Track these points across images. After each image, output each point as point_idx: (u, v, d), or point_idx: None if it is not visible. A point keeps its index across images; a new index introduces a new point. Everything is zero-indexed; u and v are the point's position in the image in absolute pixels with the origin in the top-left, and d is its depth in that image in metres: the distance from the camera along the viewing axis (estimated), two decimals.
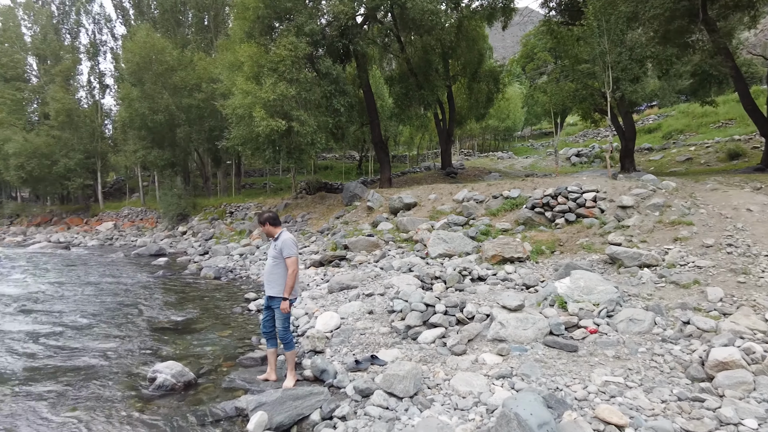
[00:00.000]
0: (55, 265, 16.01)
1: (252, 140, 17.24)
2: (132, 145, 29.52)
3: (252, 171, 41.26)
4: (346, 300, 7.65)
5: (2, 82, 40.78)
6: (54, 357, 6.09)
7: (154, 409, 4.50)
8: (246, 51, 16.06)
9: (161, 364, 5.12)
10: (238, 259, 14.78)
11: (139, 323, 7.84)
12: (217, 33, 32.25)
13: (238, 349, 6.33)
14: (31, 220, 40.21)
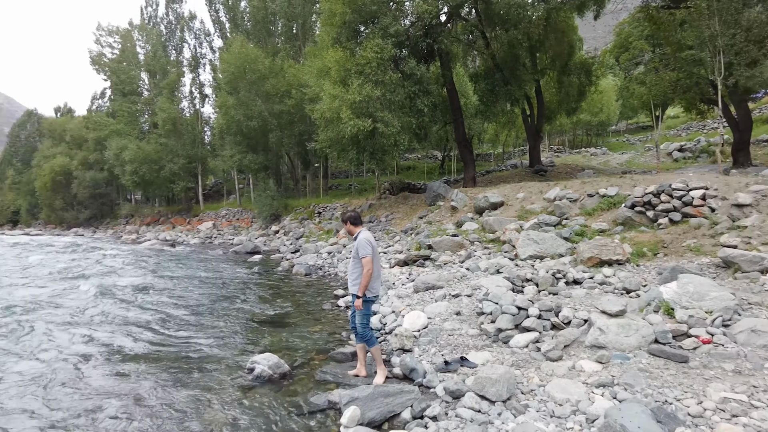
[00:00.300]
0: (163, 261, 17.53)
1: (338, 142, 17.80)
2: (229, 150, 31.58)
3: (338, 173, 42.51)
4: (432, 300, 7.62)
5: (120, 97, 45.58)
6: (166, 343, 6.65)
7: (253, 398, 4.75)
8: (333, 56, 16.60)
9: (259, 355, 5.41)
10: (327, 257, 15.28)
11: (238, 315, 8.36)
12: (305, 40, 33.60)
13: (329, 343, 6.53)
14: (142, 220, 44.49)
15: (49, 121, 66.16)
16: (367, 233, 5.19)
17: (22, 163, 70.24)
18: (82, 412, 4.44)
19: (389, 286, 9.35)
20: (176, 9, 45.45)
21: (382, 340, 6.37)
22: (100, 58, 45.13)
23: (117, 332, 7.34)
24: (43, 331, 7.26)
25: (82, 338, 6.96)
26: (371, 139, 16.48)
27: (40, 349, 6.44)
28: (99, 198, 51.99)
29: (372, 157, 17.56)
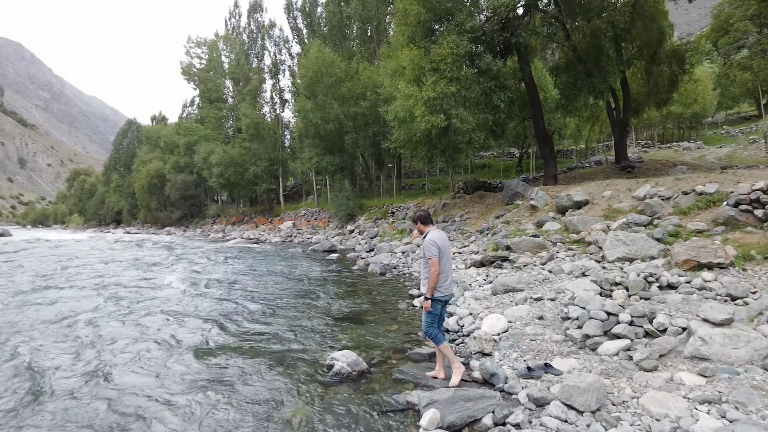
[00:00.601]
0: (247, 258, 18.44)
1: (410, 141, 17.81)
2: (307, 152, 32.66)
3: (411, 173, 42.58)
4: (512, 303, 7.36)
5: (207, 104, 48.62)
6: (248, 336, 6.93)
7: (332, 395, 4.82)
8: (407, 55, 16.64)
9: (338, 352, 5.48)
10: (401, 257, 15.31)
11: (317, 311, 8.57)
12: (379, 42, 33.97)
13: (406, 343, 6.50)
14: (228, 220, 47.13)
15: (146, 129, 72.08)
16: (435, 233, 5.08)
17: (124, 167, 77.04)
18: (167, 397, 4.72)
19: (465, 288, 9.17)
20: (257, 18, 47.75)
21: (460, 343, 6.24)
22: (190, 68, 48.43)
23: (202, 323, 7.77)
24: (136, 321, 7.85)
25: (171, 328, 7.43)
26: (445, 137, 16.31)
27: (133, 336, 6.95)
28: (189, 199, 55.83)
29: (443, 155, 17.38)
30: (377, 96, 25.52)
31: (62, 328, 7.47)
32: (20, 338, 6.90)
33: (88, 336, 7.00)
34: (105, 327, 7.51)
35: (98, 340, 6.79)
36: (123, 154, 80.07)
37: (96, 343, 6.65)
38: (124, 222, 75.70)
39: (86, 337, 6.92)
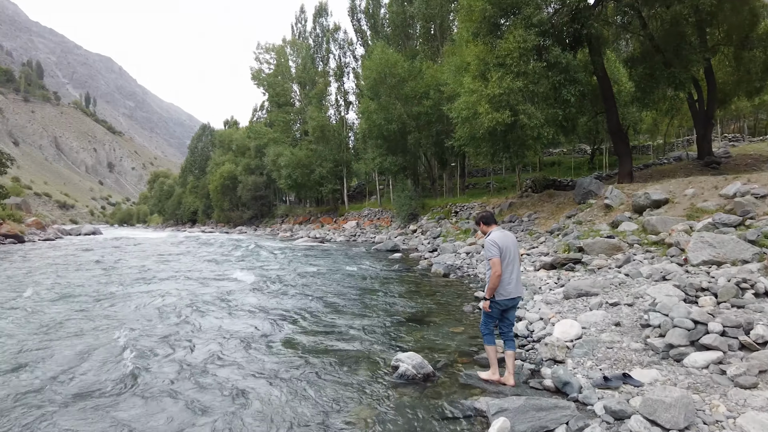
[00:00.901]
0: (313, 256, 18.85)
1: (474, 138, 17.46)
2: (370, 153, 32.95)
3: (475, 171, 41.86)
4: (585, 308, 6.98)
5: (276, 108, 50.35)
6: (313, 333, 7.01)
7: (397, 397, 4.76)
8: (472, 51, 16.35)
9: (403, 354, 5.42)
10: (465, 258, 15.04)
11: (381, 311, 8.56)
12: (443, 40, 33.66)
13: (472, 347, 6.33)
14: (295, 219, 48.57)
15: (219, 133, 75.90)
16: (498, 233, 4.95)
17: (199, 170, 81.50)
18: (235, 391, 4.84)
19: (535, 291, 8.82)
20: (322, 23, 48.77)
21: (530, 349, 5.98)
22: (259, 73, 50.33)
23: (271, 319, 7.98)
24: (208, 316, 8.19)
25: (240, 323, 7.67)
26: (511, 133, 15.85)
27: (204, 330, 7.23)
28: (259, 200, 58.17)
29: (508, 151, 16.88)
30: (440, 94, 25.30)
31: (147, 320, 7.93)
32: (116, 326, 7.39)
33: (166, 328, 7.36)
34: (181, 319, 7.88)
35: (172, 332, 7.13)
36: (198, 157, 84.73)
37: (169, 335, 6.98)
38: (199, 221, 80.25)
39: (165, 329, 7.29)
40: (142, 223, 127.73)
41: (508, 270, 4.83)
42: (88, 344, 6.56)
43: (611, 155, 30.26)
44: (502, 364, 5.14)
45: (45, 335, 7.05)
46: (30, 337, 6.93)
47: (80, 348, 6.37)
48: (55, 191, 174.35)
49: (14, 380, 5.24)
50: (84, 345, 6.52)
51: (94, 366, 5.68)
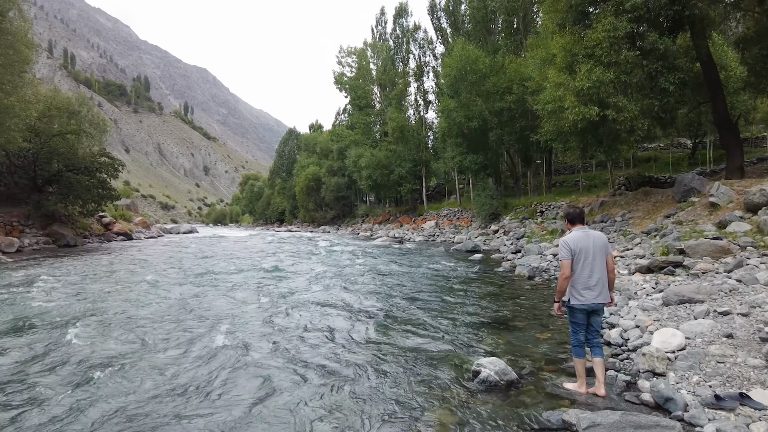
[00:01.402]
0: (393, 256, 18.92)
1: (561, 133, 16.61)
2: (450, 152, 32.55)
3: (562, 169, 39.95)
4: (688, 316, 6.32)
5: (357, 111, 51.37)
6: (392, 332, 6.96)
7: (478, 404, 4.57)
8: (558, 42, 15.57)
9: (485, 359, 5.20)
10: (552, 260, 14.33)
11: (460, 312, 8.34)
12: (526, 33, 32.46)
13: (560, 354, 5.96)
14: (375, 219, 49.26)
15: (304, 137, 79.08)
16: (575, 234, 4.72)
17: (286, 172, 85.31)
18: (311, 388, 4.89)
19: (629, 296, 8.17)
20: (402, 23, 48.99)
21: (625, 358, 5.51)
22: (341, 77, 51.56)
23: (348, 316, 8.07)
24: (291, 310, 8.42)
25: (320, 319, 7.79)
26: (602, 126, 14.87)
27: (286, 325, 7.43)
28: (341, 200, 59.75)
29: (600, 146, 15.82)
30: (524, 89, 24.40)
31: (239, 313, 8.34)
32: (212, 317, 7.86)
33: (253, 321, 7.67)
34: (265, 312, 8.19)
35: (258, 326, 7.40)
36: (285, 160, 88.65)
37: (255, 329, 7.25)
38: (286, 221, 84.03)
39: (252, 323, 7.59)
40: (235, 222, 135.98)
41: (584, 273, 4.60)
42: (189, 332, 7.00)
43: (716, 149, 27.51)
44: (591, 374, 4.79)
45: (166, 315, 7.64)
46: (160, 317, 7.53)
47: (183, 338, 6.81)
48: (159, 193, 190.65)
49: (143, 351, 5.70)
50: (185, 333, 6.96)
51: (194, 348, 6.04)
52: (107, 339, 6.83)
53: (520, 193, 32.29)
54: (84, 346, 6.45)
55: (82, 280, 12.48)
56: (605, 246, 4.73)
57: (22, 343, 6.58)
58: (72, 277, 13.17)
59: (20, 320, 7.81)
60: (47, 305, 9.00)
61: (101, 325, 7.57)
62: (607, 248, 4.74)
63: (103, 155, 30.31)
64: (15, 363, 5.74)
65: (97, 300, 9.74)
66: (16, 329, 7.27)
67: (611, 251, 4.86)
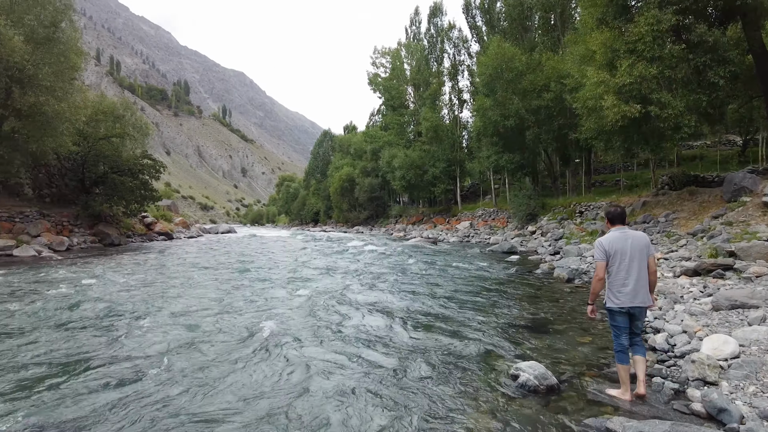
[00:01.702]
0: (427, 256, 18.79)
1: (603, 132, 16.10)
2: (485, 151, 32.12)
3: (602, 168, 38.81)
4: (742, 322, 5.98)
5: (391, 111, 51.41)
6: (427, 333, 6.87)
7: (517, 408, 4.44)
8: (598, 38, 15.10)
9: (524, 363, 5.07)
10: (592, 262, 13.90)
11: (497, 314, 8.17)
12: (564, 29, 31.72)
13: (602, 359, 5.75)
14: (408, 219, 49.15)
15: (339, 138, 79.81)
16: (611, 234, 4.61)
17: (321, 173, 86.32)
18: (344, 389, 4.85)
19: (675, 300, 7.81)
20: (437, 23, 48.71)
21: (672, 365, 5.26)
22: (375, 78, 51.73)
23: (383, 315, 8.01)
24: (326, 308, 8.44)
25: (356, 317, 7.77)
26: (646, 124, 14.31)
27: (321, 324, 7.44)
28: (375, 201, 59.95)
29: (645, 144, 15.22)
30: (562, 86, 23.83)
31: (275, 307, 8.44)
32: (257, 311, 7.98)
33: (289, 320, 7.72)
34: (303, 311, 8.23)
35: (294, 324, 7.45)
36: (319, 161, 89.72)
37: (290, 328, 7.30)
38: (320, 222, 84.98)
39: (288, 321, 7.64)
40: (271, 222, 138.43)
41: (620, 275, 4.48)
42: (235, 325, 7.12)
43: None
44: (635, 381, 4.60)
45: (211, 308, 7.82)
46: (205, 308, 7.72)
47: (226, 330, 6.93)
48: (198, 194, 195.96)
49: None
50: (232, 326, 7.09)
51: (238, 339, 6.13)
52: (173, 328, 7.09)
53: (558, 193, 31.54)
54: (153, 333, 6.72)
55: (132, 276, 12.91)
56: (646, 247, 4.56)
57: (91, 332, 6.83)
58: (123, 273, 13.65)
59: (79, 312, 8.12)
60: (105, 298, 9.34)
61: (167, 315, 7.81)
62: (648, 249, 4.57)
63: (145, 157, 31.35)
64: (91, 349, 5.96)
65: (153, 293, 10.04)
66: (79, 320, 7.56)
67: (654, 252, 4.67)
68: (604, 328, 7.19)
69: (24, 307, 8.61)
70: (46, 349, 6.16)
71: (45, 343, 6.40)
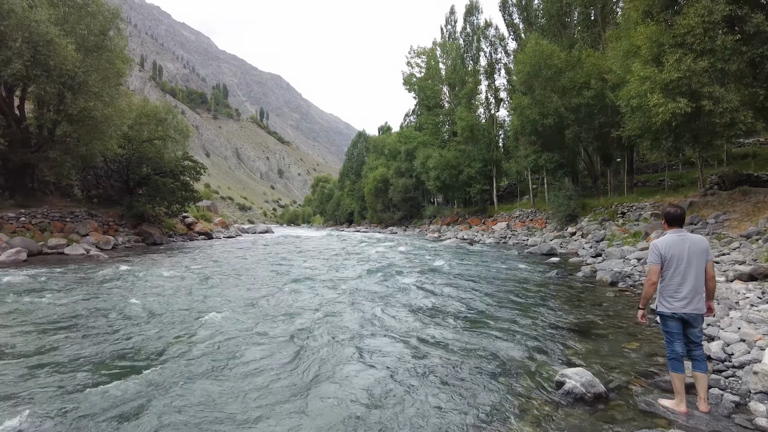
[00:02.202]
0: (463, 257, 18.52)
1: (649, 131, 15.46)
2: (523, 150, 31.50)
3: (645, 167, 37.40)
4: None
5: (426, 111, 51.16)
6: (467, 336, 6.69)
7: (563, 416, 4.25)
8: (643, 32, 14.50)
9: (570, 369, 4.85)
10: (636, 264, 13.37)
11: (539, 318, 7.91)
12: (605, 25, 30.76)
13: (651, 367, 5.46)
14: (443, 220, 48.75)
15: (373, 139, 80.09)
16: (668, 237, 4.36)
17: (355, 174, 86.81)
18: (384, 392, 4.75)
19: (729, 306, 7.37)
20: (473, 21, 48.14)
21: (730, 375, 4.94)
22: (410, 78, 51.56)
23: (422, 318, 7.85)
24: (362, 308, 8.37)
25: (393, 318, 7.66)
26: (695, 121, 13.64)
27: (358, 323, 7.37)
28: (409, 201, 59.77)
29: (696, 142, 14.51)
30: (604, 83, 23.09)
31: (317, 303, 8.46)
32: (300, 309, 8.03)
33: (327, 318, 7.70)
34: (338, 311, 8.20)
35: (332, 323, 7.41)
36: (354, 162, 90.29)
37: (328, 326, 7.26)
38: (354, 222, 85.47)
39: (326, 320, 7.63)
40: (306, 223, 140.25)
41: (674, 280, 4.24)
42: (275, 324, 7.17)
43: None
44: (691, 391, 4.33)
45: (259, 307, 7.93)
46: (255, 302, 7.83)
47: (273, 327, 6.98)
48: (236, 195, 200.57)
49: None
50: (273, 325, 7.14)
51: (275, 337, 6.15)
52: (231, 319, 7.16)
53: (598, 193, 30.58)
54: (218, 322, 6.80)
55: (181, 272, 13.25)
56: (705, 251, 4.28)
57: (145, 322, 7.02)
58: (169, 269, 14.03)
59: (129, 305, 8.37)
60: (154, 292, 9.61)
61: (224, 307, 7.94)
62: (707, 254, 4.30)
63: (186, 159, 32.25)
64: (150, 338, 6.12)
65: (204, 288, 10.25)
66: (133, 313, 7.79)
67: (712, 257, 4.37)
68: (652, 333, 6.86)
69: (96, 303, 8.93)
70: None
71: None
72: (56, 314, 8.08)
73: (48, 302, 9.10)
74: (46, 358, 5.76)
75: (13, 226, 19.85)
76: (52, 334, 6.84)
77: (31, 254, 17.71)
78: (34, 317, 7.84)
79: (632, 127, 16.28)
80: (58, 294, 10.06)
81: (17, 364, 5.51)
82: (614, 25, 28.87)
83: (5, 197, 21.78)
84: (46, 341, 6.46)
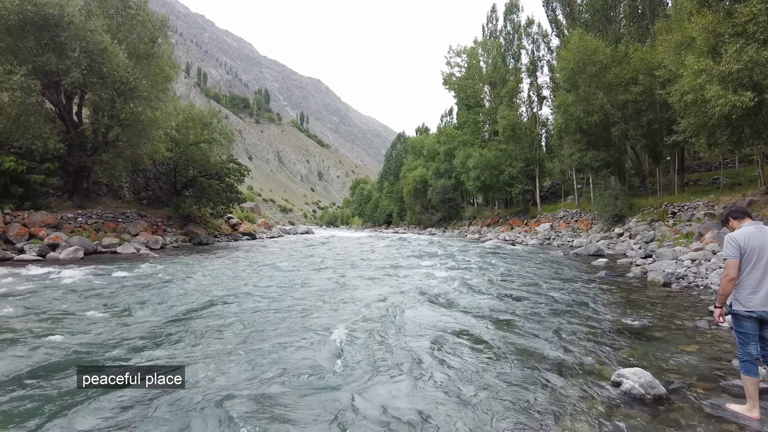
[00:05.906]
0: (506, 258, 18.20)
1: (705, 127, 14.74)
2: (567, 149, 30.70)
3: (696, 166, 35.78)
4: None
5: (465, 110, 50.69)
6: (518, 335, 6.54)
7: (621, 417, 4.08)
8: (698, 23, 13.84)
9: (627, 369, 4.67)
10: (690, 265, 12.76)
11: (590, 319, 7.67)
12: (653, 18, 29.64)
13: (714, 370, 5.19)
14: (483, 221, 48.14)
15: (411, 140, 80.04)
16: (746, 229, 4.06)
17: (393, 176, 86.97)
18: (432, 394, 4.70)
19: None
20: (513, 19, 47.36)
21: None
22: (450, 77, 51.17)
23: (469, 318, 7.73)
24: (406, 308, 8.32)
25: (441, 318, 7.57)
26: (756, 115, 12.92)
27: (403, 324, 7.32)
28: (448, 202, 59.30)
29: (757, 137, 13.73)
30: (653, 79, 22.21)
31: (360, 302, 8.50)
32: (344, 305, 8.10)
33: (369, 317, 7.71)
34: (381, 311, 8.19)
35: (373, 323, 7.40)
36: (392, 164, 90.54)
37: (369, 327, 7.26)
38: (393, 223, 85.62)
39: (368, 319, 7.63)
40: (345, 224, 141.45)
41: (753, 276, 3.91)
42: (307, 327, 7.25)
43: None
44: (764, 396, 4.07)
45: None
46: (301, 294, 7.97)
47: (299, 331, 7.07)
48: (278, 197, 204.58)
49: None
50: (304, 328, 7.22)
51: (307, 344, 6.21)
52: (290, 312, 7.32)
53: (647, 192, 29.44)
54: (272, 313, 6.98)
55: (233, 270, 13.62)
56: None
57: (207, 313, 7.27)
58: (220, 267, 14.45)
59: (190, 298, 8.67)
60: (210, 287, 9.92)
61: (279, 301, 8.14)
62: None
63: (231, 161, 33.15)
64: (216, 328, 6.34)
65: (256, 284, 10.52)
66: (194, 305, 8.07)
67: None
68: (712, 336, 6.54)
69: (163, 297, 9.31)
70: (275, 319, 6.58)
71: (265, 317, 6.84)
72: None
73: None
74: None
75: (71, 225, 20.92)
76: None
77: (87, 252, 18.57)
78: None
79: (686, 125, 15.47)
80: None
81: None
82: (664, 17, 27.78)
83: (65, 198, 23.00)
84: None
